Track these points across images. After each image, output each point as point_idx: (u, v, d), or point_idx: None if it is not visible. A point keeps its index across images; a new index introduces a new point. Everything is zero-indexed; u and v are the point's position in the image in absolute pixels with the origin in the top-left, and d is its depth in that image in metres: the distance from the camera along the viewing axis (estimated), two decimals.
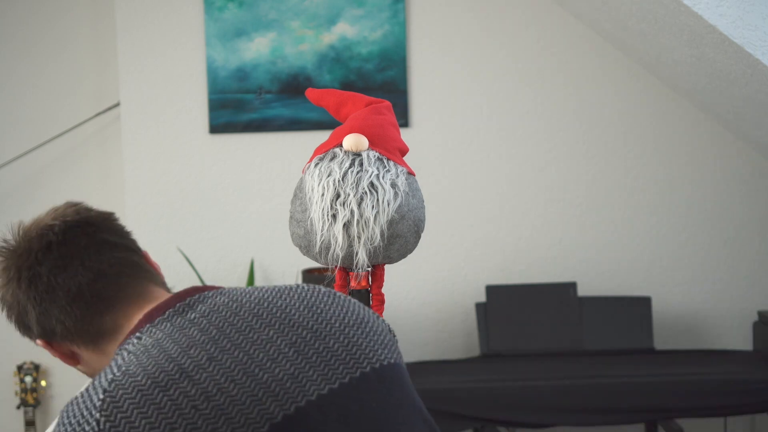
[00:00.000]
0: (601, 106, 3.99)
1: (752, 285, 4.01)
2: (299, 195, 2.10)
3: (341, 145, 2.08)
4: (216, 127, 3.96)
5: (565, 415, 3.41)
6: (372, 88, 3.89)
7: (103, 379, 1.24)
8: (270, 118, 3.95)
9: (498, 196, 4.01)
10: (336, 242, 2.02)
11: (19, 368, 4.09)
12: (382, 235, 1.99)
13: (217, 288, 1.38)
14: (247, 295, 1.36)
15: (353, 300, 1.42)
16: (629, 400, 3.40)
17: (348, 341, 1.33)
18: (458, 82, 3.98)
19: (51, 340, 1.37)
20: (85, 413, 1.20)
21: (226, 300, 1.34)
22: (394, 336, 1.44)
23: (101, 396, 1.21)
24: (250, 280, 3.91)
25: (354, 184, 2.02)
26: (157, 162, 3.99)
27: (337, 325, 1.35)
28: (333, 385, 1.27)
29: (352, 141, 2.06)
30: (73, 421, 1.20)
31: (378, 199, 2.03)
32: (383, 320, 1.44)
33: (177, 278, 3.93)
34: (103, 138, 4.15)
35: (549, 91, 3.99)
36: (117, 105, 4.06)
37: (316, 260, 2.08)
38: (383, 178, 2.00)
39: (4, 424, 4.17)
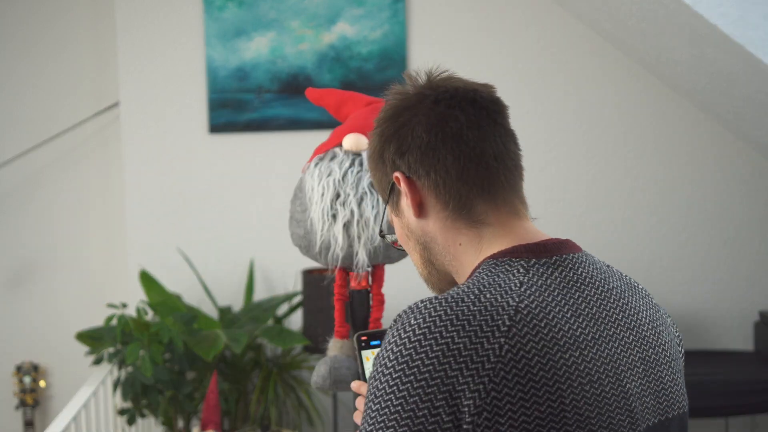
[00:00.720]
0: (601, 106, 3.99)
1: (753, 285, 4.01)
2: (299, 195, 2.09)
3: (341, 145, 2.07)
4: (216, 127, 3.95)
5: None
6: (372, 88, 3.88)
7: (501, 300, 1.13)
8: (270, 117, 3.94)
9: None
10: (336, 242, 2.01)
11: (18, 368, 4.08)
12: None
13: (578, 248, 1.30)
14: (612, 279, 1.28)
15: (668, 319, 1.33)
16: None
17: (673, 377, 1.25)
18: None
19: (415, 180, 1.25)
20: (485, 328, 1.10)
21: (596, 273, 1.26)
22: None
23: (507, 323, 1.10)
24: (250, 280, 3.90)
25: (354, 184, 2.02)
26: (157, 162, 3.98)
27: (670, 354, 1.27)
28: (654, 420, 1.20)
29: (352, 141, 2.06)
30: (467, 327, 1.10)
31: (378, 199, 2.03)
32: (682, 353, 1.34)
33: (177, 278, 3.93)
34: (103, 138, 4.15)
35: (549, 91, 3.98)
36: (117, 105, 4.06)
37: (316, 260, 2.08)
38: None
39: (3, 424, 4.17)
